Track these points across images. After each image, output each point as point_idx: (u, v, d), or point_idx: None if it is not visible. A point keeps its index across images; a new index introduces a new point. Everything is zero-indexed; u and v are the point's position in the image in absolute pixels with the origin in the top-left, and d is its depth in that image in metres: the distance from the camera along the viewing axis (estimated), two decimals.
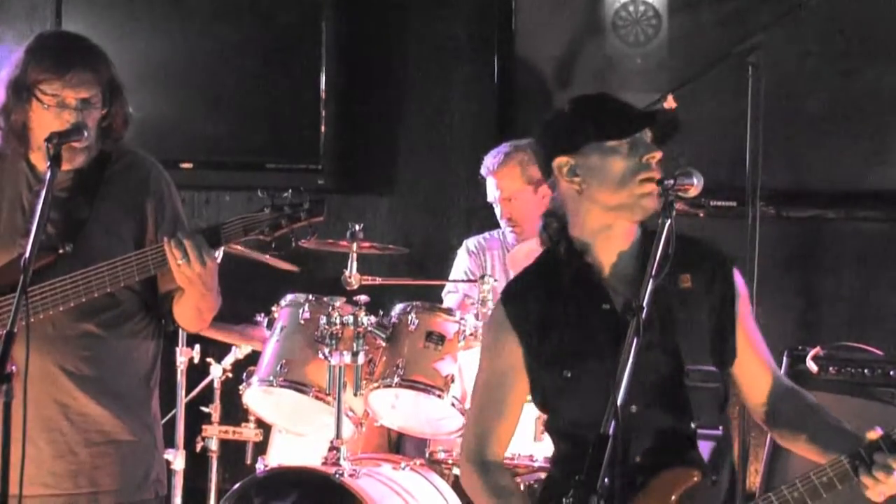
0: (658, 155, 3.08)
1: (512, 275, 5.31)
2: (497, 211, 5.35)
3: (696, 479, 3.01)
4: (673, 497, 3.00)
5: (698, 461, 3.05)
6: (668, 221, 2.93)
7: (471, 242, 5.51)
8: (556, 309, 3.08)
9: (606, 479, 2.77)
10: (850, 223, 5.63)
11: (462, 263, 5.46)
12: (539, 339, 3.15)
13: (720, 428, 3.11)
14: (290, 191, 3.45)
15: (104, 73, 3.54)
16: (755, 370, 3.20)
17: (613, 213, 3.10)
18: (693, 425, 3.06)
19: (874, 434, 2.93)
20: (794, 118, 5.58)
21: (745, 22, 5.62)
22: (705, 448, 3.08)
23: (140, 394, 3.65)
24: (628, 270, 3.13)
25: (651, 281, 2.87)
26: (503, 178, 5.29)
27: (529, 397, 3.26)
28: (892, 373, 4.57)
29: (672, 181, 2.98)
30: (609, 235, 3.13)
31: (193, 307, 3.58)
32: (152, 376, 3.69)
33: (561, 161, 3.13)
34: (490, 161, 5.34)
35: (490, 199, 5.37)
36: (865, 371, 4.55)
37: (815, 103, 5.63)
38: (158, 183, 3.67)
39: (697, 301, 3.12)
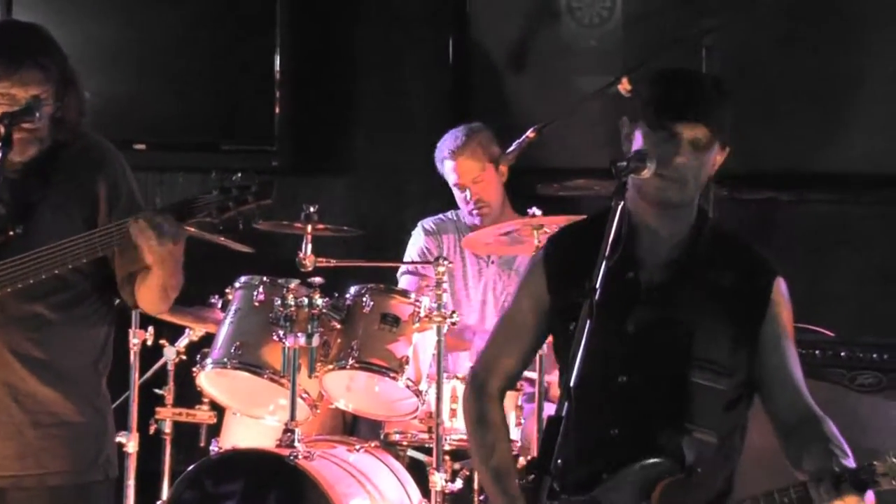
0: (682, 160, 3.03)
1: (468, 257, 5.36)
2: (460, 194, 5.35)
3: (676, 475, 3.00)
4: (649, 489, 2.99)
5: (677, 453, 3.02)
6: (620, 203, 2.92)
7: (427, 223, 5.51)
8: (587, 262, 2.92)
9: (560, 461, 2.78)
10: (802, 205, 5.67)
11: (418, 242, 5.46)
12: (564, 287, 3.12)
13: (715, 434, 3.06)
14: (239, 173, 3.44)
15: (55, 68, 3.51)
16: (776, 385, 3.12)
17: (641, 194, 3.09)
18: (687, 419, 3.03)
19: (844, 466, 2.89)
20: (747, 101, 5.59)
21: (700, 4, 5.63)
22: (695, 446, 3.04)
23: (90, 376, 3.63)
24: (667, 252, 3.13)
25: (603, 263, 2.84)
26: (467, 159, 5.30)
27: None
28: (842, 354, 4.60)
29: (625, 163, 2.98)
30: (647, 206, 3.12)
31: (160, 286, 3.56)
32: (102, 359, 3.67)
33: (624, 121, 3.15)
34: (450, 144, 5.34)
35: (451, 182, 5.37)
36: (816, 352, 4.58)
37: (767, 86, 5.66)
38: (112, 165, 3.65)
39: (727, 301, 3.09)
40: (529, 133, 5.04)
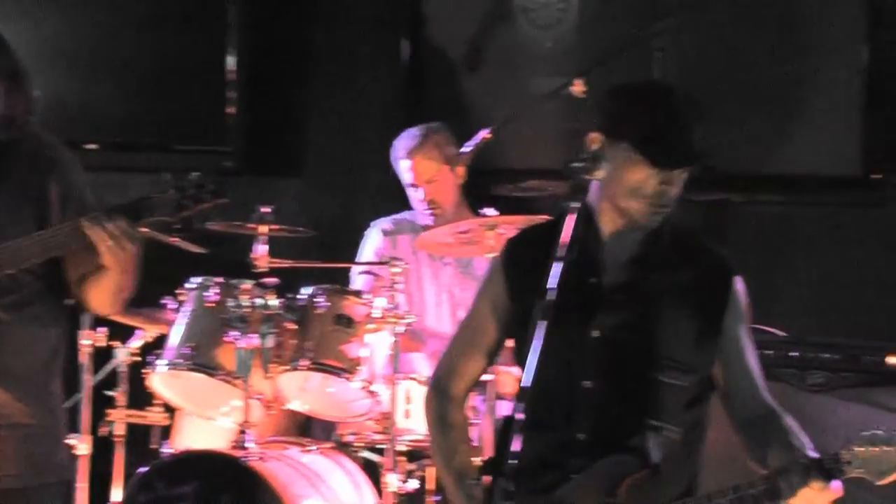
0: (677, 191, 3.08)
1: (423, 258, 5.36)
2: (414, 194, 5.35)
3: (642, 472, 3.02)
4: (615, 486, 3.00)
5: (645, 453, 3.05)
6: (575, 205, 2.94)
7: (383, 223, 5.50)
8: (549, 266, 2.95)
9: (520, 465, 2.78)
10: (753, 206, 5.71)
11: (373, 243, 5.45)
12: (524, 291, 3.13)
13: (679, 430, 3.09)
14: (193, 173, 3.42)
15: (3, 66, 3.48)
16: (736, 381, 3.17)
17: (618, 209, 3.11)
18: (653, 417, 3.06)
19: (810, 456, 2.93)
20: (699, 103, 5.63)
21: (654, 6, 5.66)
22: (660, 444, 3.07)
23: (42, 378, 3.60)
24: (627, 252, 3.15)
25: (558, 265, 2.85)
26: (423, 160, 5.30)
27: None
28: (793, 354, 4.65)
29: (579, 164, 3.00)
30: (616, 216, 3.14)
31: (113, 287, 3.53)
32: (55, 361, 3.64)
33: (596, 137, 3.11)
34: (407, 143, 5.33)
35: (406, 182, 5.36)
36: (768, 352, 4.60)
37: (719, 88, 5.70)
38: (64, 165, 3.62)
39: (688, 299, 3.12)
40: (484, 134, 5.06)
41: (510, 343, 3.32)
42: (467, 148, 5.10)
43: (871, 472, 2.88)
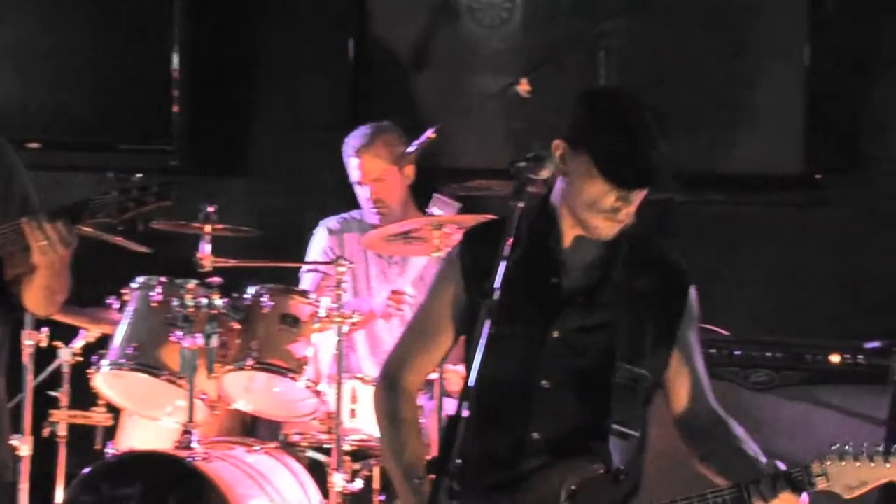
0: (632, 209, 3.09)
1: (371, 257, 5.35)
2: (361, 192, 5.34)
3: (599, 471, 3.03)
4: (571, 486, 3.02)
5: (604, 454, 3.06)
6: (520, 204, 2.94)
7: (330, 222, 5.49)
8: (507, 264, 2.93)
9: (459, 460, 2.78)
10: (698, 206, 5.75)
11: (321, 242, 5.44)
12: (479, 287, 3.08)
13: (637, 430, 3.11)
14: (139, 174, 3.40)
15: None
16: (684, 387, 3.20)
17: (575, 217, 3.11)
18: (609, 419, 3.06)
19: (777, 468, 2.97)
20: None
21: (600, 7, 5.69)
22: (618, 445, 3.08)
23: None
24: (587, 256, 3.15)
25: (502, 264, 2.85)
26: (370, 158, 5.28)
27: None
28: (737, 353, 4.68)
29: (524, 164, 3.00)
30: (575, 221, 3.14)
31: (45, 288, 3.50)
32: None
33: (560, 144, 3.09)
34: (356, 142, 5.32)
35: (354, 180, 5.35)
36: (712, 351, 4.64)
37: (664, 88, 5.73)
38: (4, 163, 3.59)
39: (647, 305, 3.13)
40: (430, 133, 5.06)
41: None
42: (413, 147, 5.10)
43: (840, 486, 2.93)
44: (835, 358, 4.59)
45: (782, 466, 2.98)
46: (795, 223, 5.72)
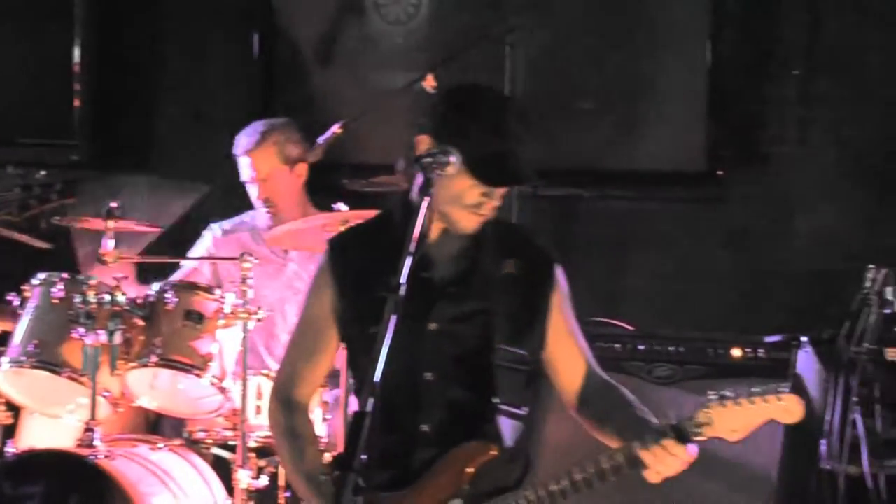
0: (497, 204, 3.15)
1: (265, 255, 5.31)
2: (251, 191, 5.31)
3: (493, 453, 3.09)
4: (468, 469, 3.07)
5: (495, 436, 3.12)
6: (426, 199, 2.97)
7: (222, 224, 5.44)
8: (378, 266, 3.03)
9: (364, 456, 2.79)
10: (602, 201, 5.81)
11: (204, 244, 5.38)
12: (355, 291, 3.19)
13: (524, 407, 3.17)
14: (41, 171, 3.37)
15: None
16: (568, 360, 3.28)
17: (438, 211, 3.14)
18: (495, 401, 3.12)
19: (665, 422, 3.02)
20: (548, 99, 5.71)
21: (505, 4, 5.72)
22: (508, 425, 3.14)
23: None
24: (454, 248, 3.21)
25: (408, 259, 2.89)
26: (259, 158, 5.26)
27: None
28: (640, 347, 4.73)
29: (430, 159, 3.02)
30: (437, 215, 3.17)
31: None
32: None
33: (424, 139, 3.13)
34: (245, 140, 5.29)
35: (245, 178, 5.32)
36: (616, 346, 4.69)
37: (568, 85, 5.78)
38: None
39: (516, 287, 3.19)
40: (335, 128, 5.04)
41: None
42: (319, 142, 5.08)
43: (725, 430, 2.98)
44: (736, 352, 4.65)
45: (671, 421, 3.03)
46: (698, 218, 5.79)
